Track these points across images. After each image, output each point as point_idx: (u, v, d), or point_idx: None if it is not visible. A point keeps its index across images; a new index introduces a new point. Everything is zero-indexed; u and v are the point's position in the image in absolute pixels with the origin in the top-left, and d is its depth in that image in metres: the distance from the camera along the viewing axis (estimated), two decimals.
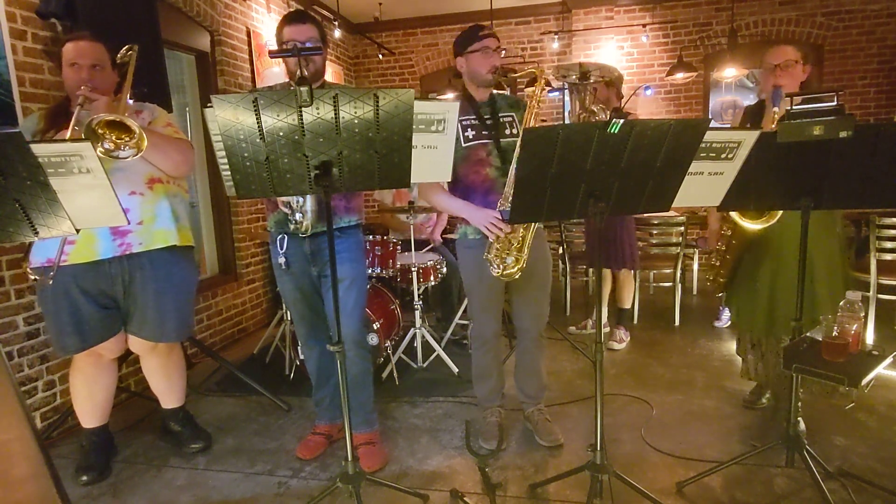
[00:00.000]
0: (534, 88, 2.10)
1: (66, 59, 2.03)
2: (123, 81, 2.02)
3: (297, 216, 2.10)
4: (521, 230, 2.14)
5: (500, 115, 2.23)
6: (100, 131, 1.72)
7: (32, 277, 2.07)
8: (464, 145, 2.22)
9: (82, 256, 2.07)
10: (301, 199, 2.08)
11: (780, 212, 2.10)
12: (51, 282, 2.02)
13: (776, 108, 2.11)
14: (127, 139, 1.76)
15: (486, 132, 2.21)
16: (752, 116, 2.41)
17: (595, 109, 2.59)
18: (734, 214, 2.17)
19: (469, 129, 2.22)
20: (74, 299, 2.12)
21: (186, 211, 2.33)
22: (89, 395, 2.31)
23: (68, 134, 1.79)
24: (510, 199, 2.08)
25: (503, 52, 2.23)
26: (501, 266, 2.15)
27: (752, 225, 2.15)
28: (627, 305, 3.81)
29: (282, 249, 2.21)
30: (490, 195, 2.19)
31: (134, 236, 2.12)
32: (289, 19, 2.07)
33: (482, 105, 2.25)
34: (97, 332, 2.19)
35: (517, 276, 2.16)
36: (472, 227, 2.22)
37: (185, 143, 2.18)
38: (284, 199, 2.10)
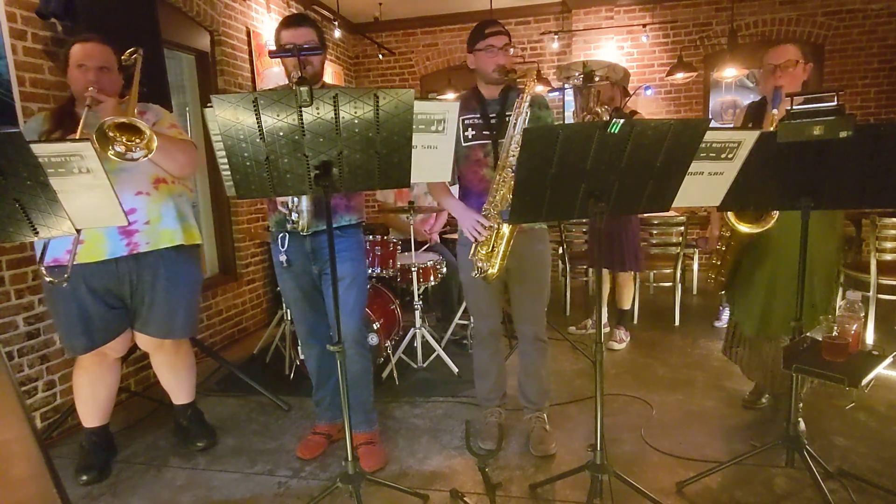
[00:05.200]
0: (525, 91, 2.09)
1: (73, 60, 2.03)
2: (129, 84, 2.02)
3: (294, 216, 2.11)
4: (501, 234, 2.11)
5: (507, 114, 2.18)
6: (110, 134, 1.73)
7: (48, 279, 1.99)
8: (463, 145, 2.21)
9: (91, 256, 2.08)
10: (297, 199, 2.09)
11: (776, 216, 2.09)
12: (65, 284, 1.99)
13: (776, 111, 2.10)
14: (137, 141, 1.77)
15: (486, 132, 2.20)
16: (754, 115, 2.39)
17: (599, 111, 2.57)
18: (731, 218, 2.16)
19: (470, 129, 2.21)
20: (83, 299, 2.13)
21: (191, 209, 2.35)
22: (93, 394, 2.31)
23: (77, 136, 1.79)
24: (496, 199, 2.10)
25: (512, 49, 2.18)
26: (478, 269, 2.16)
27: (748, 229, 2.15)
28: (627, 306, 3.80)
29: (283, 248, 2.21)
30: (484, 196, 2.18)
31: (141, 236, 2.14)
32: (286, 23, 2.08)
33: (491, 103, 2.22)
34: (105, 332, 2.20)
35: (493, 280, 2.16)
36: None
37: (189, 144, 2.19)
38: (281, 198, 2.10)
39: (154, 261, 2.19)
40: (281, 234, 2.21)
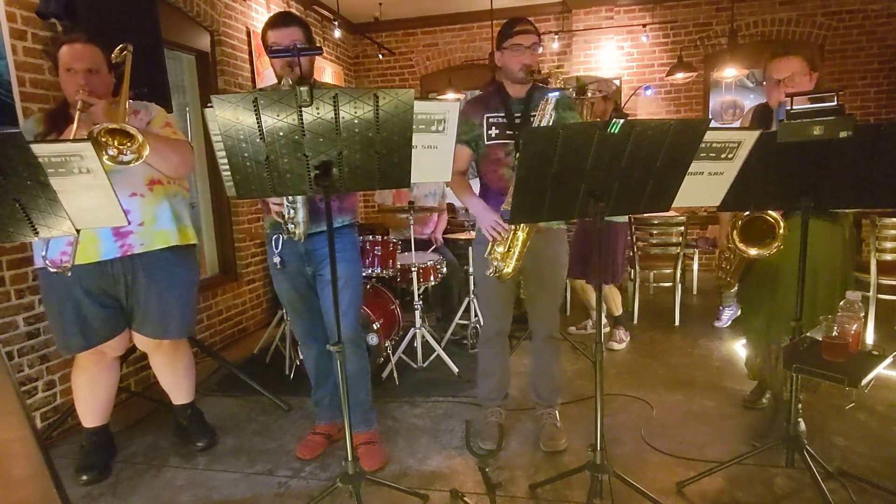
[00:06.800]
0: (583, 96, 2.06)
1: (61, 63, 2.01)
2: (121, 82, 2.02)
3: (290, 226, 2.09)
4: (517, 236, 2.11)
5: (531, 113, 2.16)
6: (102, 139, 1.72)
7: (53, 270, 2.00)
8: (486, 143, 2.20)
9: (85, 257, 2.08)
10: (293, 211, 2.07)
11: (780, 238, 2.08)
12: (69, 273, 2.00)
13: None
14: (129, 144, 1.77)
15: (510, 131, 2.17)
16: (760, 119, 2.35)
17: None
18: (738, 243, 2.14)
19: (494, 128, 2.19)
20: (78, 299, 2.13)
21: (187, 209, 2.34)
22: (91, 393, 2.31)
23: (72, 137, 1.79)
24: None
25: (540, 48, 2.16)
26: (494, 268, 2.16)
27: (755, 252, 2.13)
28: (618, 313, 3.75)
29: (277, 249, 2.20)
30: (502, 196, 2.17)
31: (135, 237, 2.13)
32: (272, 23, 2.05)
33: (515, 102, 2.20)
34: (101, 331, 2.20)
35: (508, 279, 2.15)
36: None
37: (183, 145, 2.18)
38: (277, 208, 2.09)
39: (149, 261, 2.18)
40: (275, 236, 2.21)
